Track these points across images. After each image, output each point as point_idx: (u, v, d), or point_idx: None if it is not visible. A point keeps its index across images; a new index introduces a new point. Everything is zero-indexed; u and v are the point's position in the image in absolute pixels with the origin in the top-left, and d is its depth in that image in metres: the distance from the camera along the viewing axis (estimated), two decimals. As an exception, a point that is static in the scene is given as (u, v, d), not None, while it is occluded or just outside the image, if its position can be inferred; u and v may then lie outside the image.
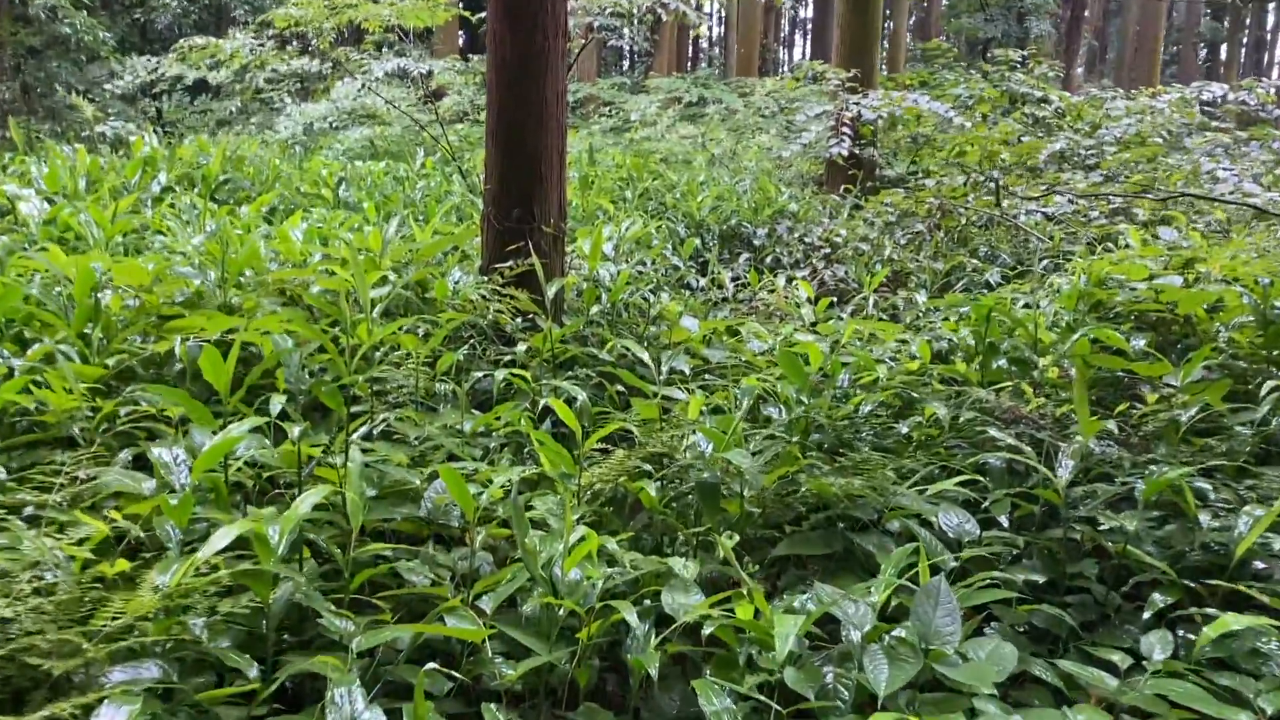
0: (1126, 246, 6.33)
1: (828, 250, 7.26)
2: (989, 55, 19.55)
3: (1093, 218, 7.38)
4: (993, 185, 7.47)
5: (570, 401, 3.73)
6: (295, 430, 2.77)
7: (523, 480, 3.28)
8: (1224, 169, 8.22)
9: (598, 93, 15.29)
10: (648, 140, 11.86)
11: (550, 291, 4.39)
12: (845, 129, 8.57)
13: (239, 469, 2.95)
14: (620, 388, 4.43)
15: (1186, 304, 4.47)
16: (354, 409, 3.65)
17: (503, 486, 2.76)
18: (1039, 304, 4.35)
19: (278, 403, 3.19)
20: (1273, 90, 9.62)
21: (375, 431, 3.50)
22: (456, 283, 4.86)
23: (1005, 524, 3.08)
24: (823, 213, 8.46)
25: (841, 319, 5.64)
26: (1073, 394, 4.03)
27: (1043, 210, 7.45)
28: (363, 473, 2.66)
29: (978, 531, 2.98)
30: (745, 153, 11.42)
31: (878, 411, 3.98)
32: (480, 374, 4.06)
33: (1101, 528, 2.95)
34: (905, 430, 3.55)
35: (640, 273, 6.38)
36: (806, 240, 7.55)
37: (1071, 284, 4.90)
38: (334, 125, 14.16)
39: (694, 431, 3.28)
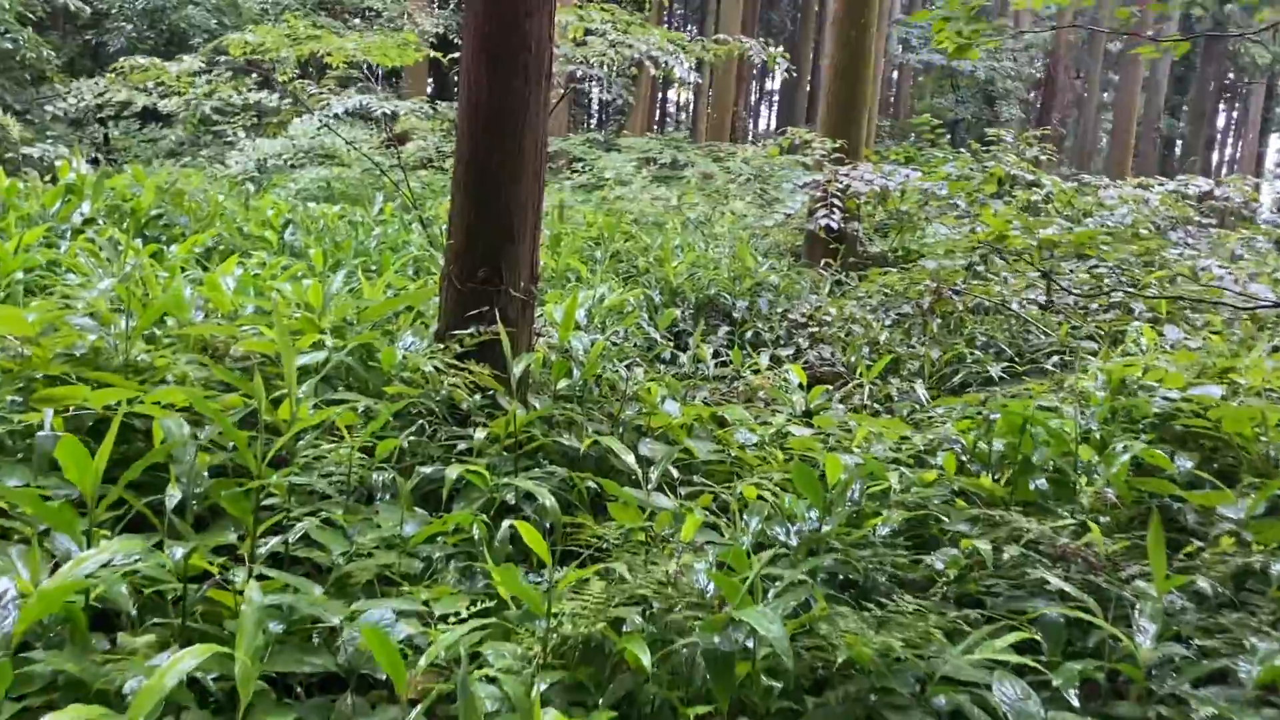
0: (1136, 344, 5.89)
1: (814, 329, 6.74)
2: (961, 138, 19.51)
3: (1092, 309, 6.96)
4: (983, 267, 7.04)
5: (530, 519, 3.09)
6: (178, 552, 2.10)
7: (476, 613, 2.63)
8: (1218, 266, 7.91)
9: (569, 148, 14.85)
10: (620, 200, 11.38)
11: (518, 369, 3.77)
12: (834, 200, 8.13)
13: (121, 577, 2.26)
14: (591, 483, 3.80)
15: (1233, 422, 3.97)
16: (267, 504, 2.98)
17: (449, 647, 2.11)
18: (1074, 413, 3.82)
19: (173, 494, 2.52)
20: (1256, 186, 9.41)
21: (293, 538, 2.82)
22: (408, 349, 4.22)
23: (1074, 701, 2.49)
24: (805, 288, 7.97)
25: (839, 410, 5.08)
26: (1123, 523, 3.49)
27: (1036, 301, 7.02)
28: (260, 618, 1.99)
29: (1043, 713, 2.38)
30: (720, 219, 10.96)
31: (894, 537, 3.40)
32: (429, 467, 3.41)
33: (1199, 717, 2.37)
34: (940, 564, 2.96)
35: (615, 344, 5.79)
36: (790, 316, 7.03)
37: (1100, 388, 4.39)
38: (290, 163, 13.50)
39: (692, 556, 2.66)
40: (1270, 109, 43.05)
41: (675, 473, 3.97)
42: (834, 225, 8.09)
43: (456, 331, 4.26)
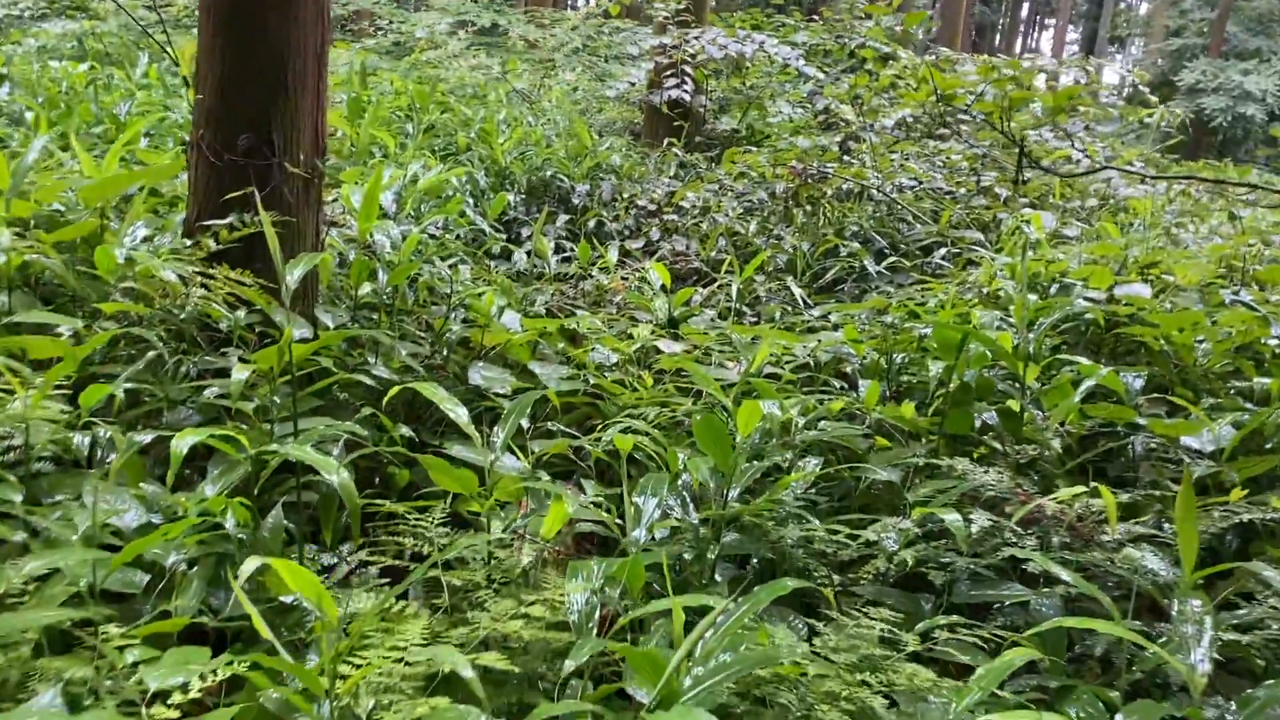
0: (1019, 235, 5.31)
1: (668, 217, 5.84)
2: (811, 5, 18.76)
3: (960, 195, 6.37)
4: (856, 148, 6.31)
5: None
6: None
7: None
8: (1077, 150, 7.52)
9: (372, 8, 13.06)
10: (433, 66, 9.95)
11: (295, 273, 2.69)
12: (684, 69, 7.14)
13: None
14: (407, 430, 2.83)
15: (1173, 325, 3.39)
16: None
17: None
18: (1016, 327, 3.11)
19: None
20: (1099, 68, 9.15)
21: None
22: (138, 247, 3.04)
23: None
24: (651, 171, 7.02)
25: (707, 316, 4.24)
26: (1061, 457, 2.83)
27: (904, 184, 6.36)
28: None
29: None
30: (549, 92, 9.76)
31: (815, 494, 2.62)
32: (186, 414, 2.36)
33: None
34: (891, 543, 2.18)
35: (433, 238, 4.71)
36: (639, 204, 6.09)
37: (1013, 289, 3.72)
38: (29, 14, 11.26)
39: (577, 585, 1.77)
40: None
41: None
42: (686, 97, 7.13)
43: (212, 222, 3.11)
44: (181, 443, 2.00)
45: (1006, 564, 2.28)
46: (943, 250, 5.06)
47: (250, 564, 1.53)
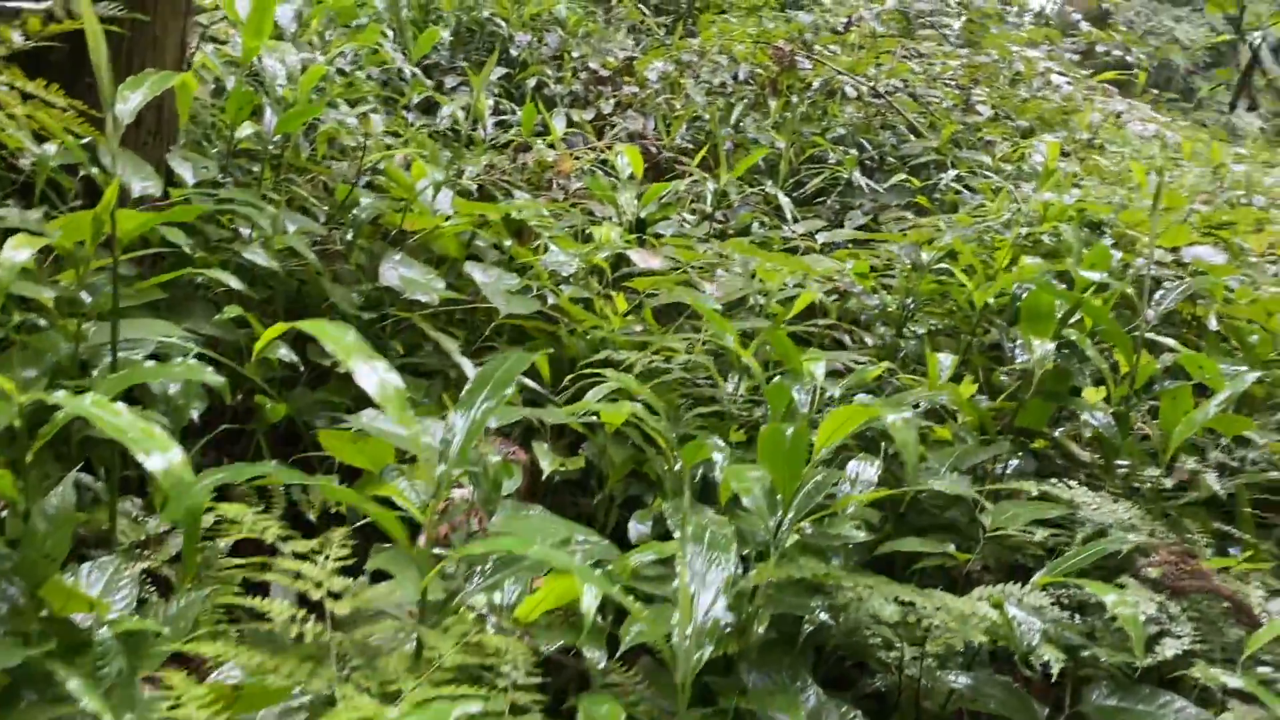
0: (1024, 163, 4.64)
1: (627, 88, 4.91)
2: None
3: (947, 107, 5.63)
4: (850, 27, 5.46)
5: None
6: None
7: None
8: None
9: None
10: None
11: (131, 97, 1.74)
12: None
13: None
14: (288, 352, 1.99)
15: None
16: None
17: None
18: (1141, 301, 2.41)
19: None
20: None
21: None
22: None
23: None
24: (608, 30, 6.00)
25: (687, 224, 3.45)
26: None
27: (896, 86, 5.56)
28: None
29: None
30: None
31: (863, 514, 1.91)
32: None
33: None
34: (1031, 628, 1.49)
35: (342, 73, 3.71)
36: (590, 67, 5.13)
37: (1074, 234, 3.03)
38: None
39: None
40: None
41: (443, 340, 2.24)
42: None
43: (15, 4, 2.11)
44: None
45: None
46: (953, 172, 4.33)
47: None
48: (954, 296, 2.76)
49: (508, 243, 2.70)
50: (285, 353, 1.92)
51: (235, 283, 1.93)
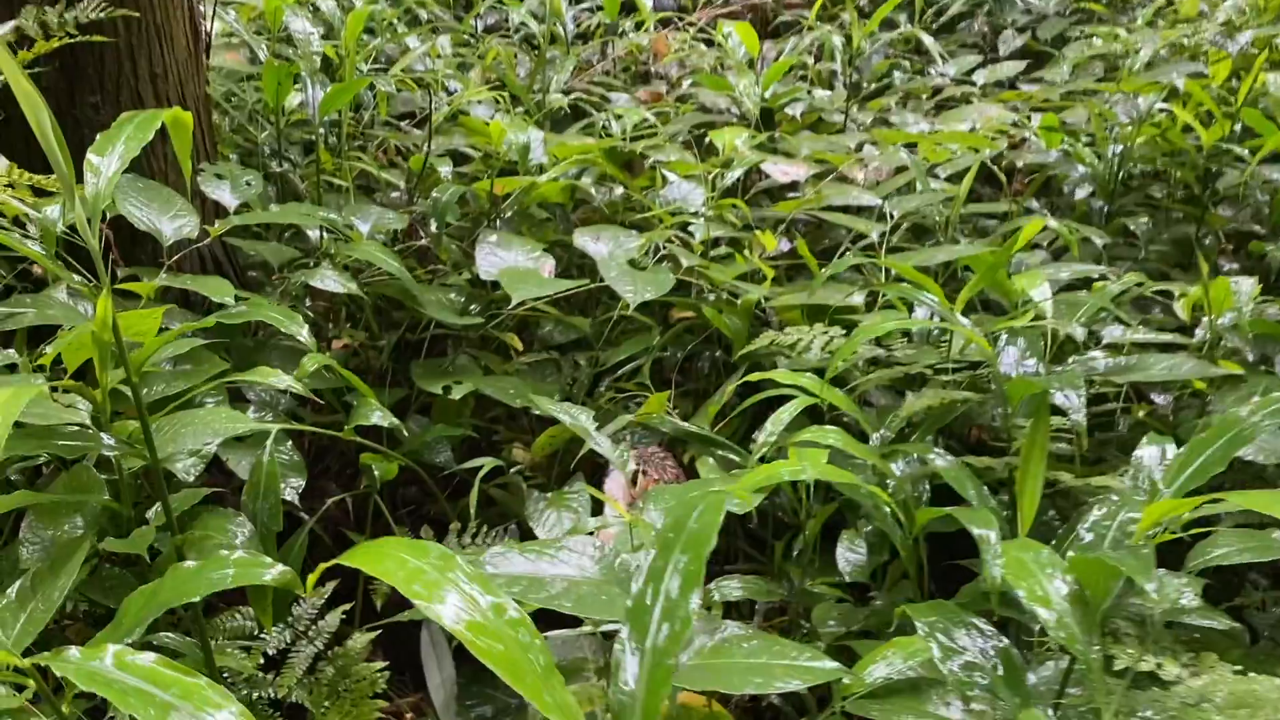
0: None
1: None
2: None
3: None
4: None
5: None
6: None
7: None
8: None
9: None
10: None
11: (106, 166, 1.33)
12: None
13: None
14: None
15: None
16: None
17: None
18: None
19: None
20: None
21: None
22: None
23: None
24: None
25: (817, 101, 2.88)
26: None
27: None
28: None
29: None
30: None
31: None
32: None
33: None
34: None
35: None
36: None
37: None
38: None
39: None
40: None
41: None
42: None
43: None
44: None
45: None
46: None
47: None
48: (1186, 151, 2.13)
49: (616, 190, 2.22)
50: (380, 417, 1.55)
51: (304, 335, 1.56)
